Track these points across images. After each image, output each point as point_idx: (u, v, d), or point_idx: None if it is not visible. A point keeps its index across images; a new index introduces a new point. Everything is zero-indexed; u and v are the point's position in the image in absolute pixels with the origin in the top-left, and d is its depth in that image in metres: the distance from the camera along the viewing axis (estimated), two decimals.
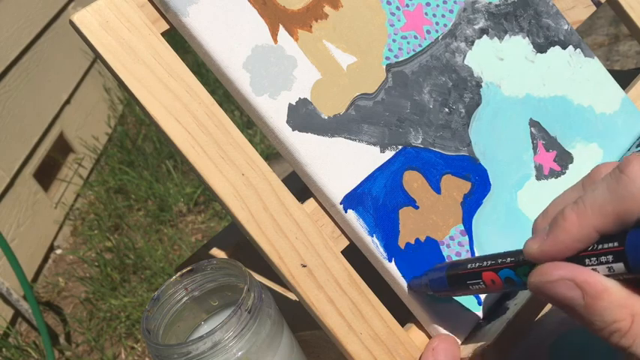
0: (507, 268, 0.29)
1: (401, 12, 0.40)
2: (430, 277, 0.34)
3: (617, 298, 0.24)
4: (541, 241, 0.26)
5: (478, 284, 0.30)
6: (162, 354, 0.32)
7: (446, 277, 0.32)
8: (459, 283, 0.32)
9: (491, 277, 0.30)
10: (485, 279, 0.30)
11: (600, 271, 0.24)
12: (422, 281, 0.34)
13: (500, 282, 0.29)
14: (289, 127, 0.35)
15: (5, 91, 1.69)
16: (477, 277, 0.30)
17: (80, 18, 0.32)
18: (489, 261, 0.30)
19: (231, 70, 0.34)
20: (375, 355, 0.34)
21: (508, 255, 0.29)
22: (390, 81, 0.38)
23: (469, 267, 0.31)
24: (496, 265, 0.29)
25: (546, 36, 0.44)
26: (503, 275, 0.29)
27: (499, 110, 0.41)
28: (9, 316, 1.49)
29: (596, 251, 0.24)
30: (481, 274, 0.30)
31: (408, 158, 0.37)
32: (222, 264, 0.36)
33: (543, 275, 0.25)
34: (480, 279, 0.30)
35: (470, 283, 0.31)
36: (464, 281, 0.31)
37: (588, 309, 0.24)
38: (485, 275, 0.30)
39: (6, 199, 1.61)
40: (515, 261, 0.28)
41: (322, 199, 0.36)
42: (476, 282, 0.30)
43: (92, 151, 2.06)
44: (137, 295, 1.51)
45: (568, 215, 0.25)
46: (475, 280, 0.30)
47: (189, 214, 1.76)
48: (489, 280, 0.30)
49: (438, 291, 0.33)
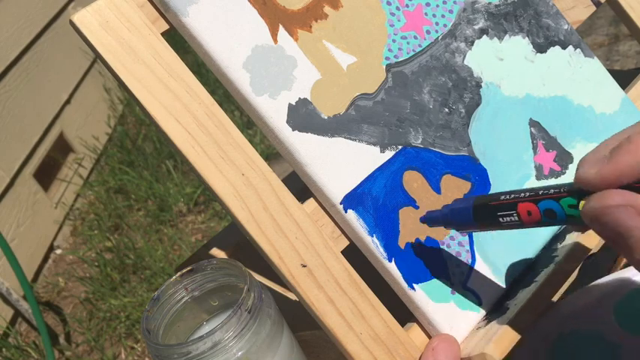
0: (549, 199, 0.27)
1: (401, 12, 0.40)
2: (452, 207, 0.32)
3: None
4: (600, 166, 0.24)
5: (511, 216, 0.28)
6: (162, 354, 0.32)
7: (472, 207, 0.30)
8: (488, 216, 0.30)
9: (528, 207, 0.27)
10: (520, 210, 0.28)
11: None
12: (441, 213, 0.33)
13: (538, 214, 0.27)
14: (289, 127, 0.35)
15: (5, 91, 1.69)
16: (511, 208, 0.28)
17: (80, 18, 0.32)
18: (527, 193, 0.28)
19: (231, 70, 0.34)
20: (375, 355, 0.34)
21: (551, 187, 0.27)
22: (389, 81, 0.38)
23: (502, 198, 0.29)
24: (536, 195, 0.27)
25: (546, 36, 0.44)
26: (543, 207, 0.27)
27: (499, 110, 0.41)
28: (9, 316, 1.50)
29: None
30: (516, 204, 0.28)
31: (408, 158, 0.37)
32: (222, 264, 0.36)
33: (605, 199, 0.24)
34: (514, 210, 0.28)
35: (501, 214, 0.29)
36: (494, 213, 0.29)
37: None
38: (522, 206, 0.28)
39: (6, 199, 1.61)
40: (559, 192, 0.26)
41: (322, 199, 0.36)
42: (509, 214, 0.28)
43: (92, 151, 2.06)
44: (137, 295, 1.51)
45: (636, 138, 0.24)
46: (508, 211, 0.28)
47: (189, 214, 1.76)
48: (525, 212, 0.28)
49: (459, 224, 0.32)
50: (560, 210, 0.27)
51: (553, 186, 0.27)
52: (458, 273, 0.37)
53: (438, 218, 0.33)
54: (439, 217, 0.33)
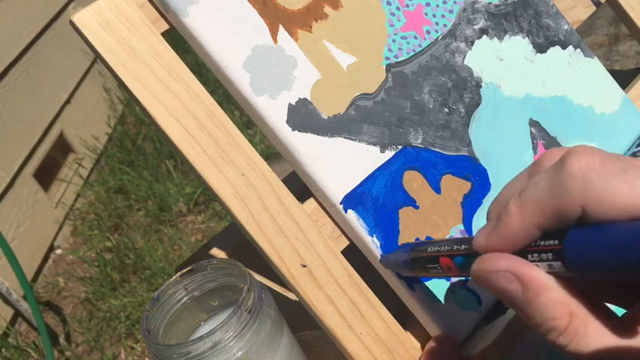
0: (461, 256, 0.28)
1: (401, 12, 0.40)
2: (396, 258, 0.34)
3: (557, 295, 0.23)
4: (487, 235, 0.25)
5: (436, 268, 0.30)
6: (162, 354, 0.32)
7: (409, 259, 0.32)
8: (420, 266, 0.32)
9: (447, 262, 0.29)
10: (442, 264, 0.30)
11: (541, 267, 0.24)
12: (390, 260, 0.34)
13: (455, 268, 0.29)
14: (289, 127, 0.35)
15: (5, 91, 1.69)
16: (435, 261, 0.30)
17: (80, 18, 0.32)
18: (446, 246, 0.30)
19: (231, 70, 0.34)
20: (375, 355, 0.34)
21: (463, 242, 0.29)
22: (389, 81, 0.38)
23: (429, 250, 0.31)
24: (451, 251, 0.29)
25: (546, 36, 0.44)
26: (457, 262, 0.29)
27: (499, 110, 0.41)
28: (9, 316, 1.49)
29: (538, 247, 0.24)
30: (439, 259, 0.30)
31: (408, 158, 0.37)
32: (222, 264, 0.36)
33: (485, 265, 0.25)
34: (437, 263, 0.30)
35: (429, 267, 0.31)
36: (424, 264, 0.31)
37: (528, 303, 0.23)
38: (442, 260, 0.30)
39: (6, 199, 1.61)
40: (467, 249, 0.28)
41: (322, 199, 0.36)
42: (434, 266, 0.30)
43: (92, 151, 2.06)
44: (137, 295, 1.51)
45: (511, 210, 0.24)
46: (433, 264, 0.30)
47: (189, 214, 1.76)
48: (445, 266, 0.29)
49: (402, 271, 0.33)
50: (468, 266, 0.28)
51: (466, 240, 0.29)
52: None
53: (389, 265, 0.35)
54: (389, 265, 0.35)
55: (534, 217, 0.24)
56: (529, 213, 0.24)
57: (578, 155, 0.23)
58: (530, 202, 0.24)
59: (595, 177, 0.22)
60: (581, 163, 0.22)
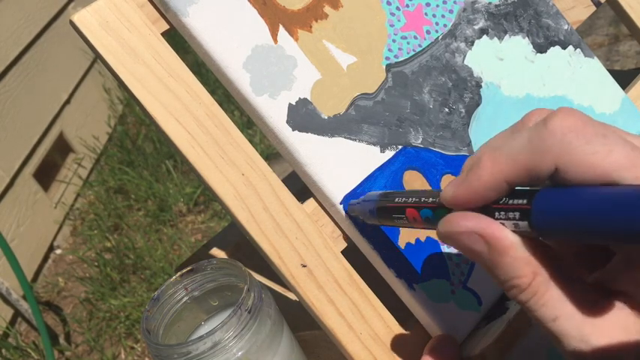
0: (428, 209, 0.28)
1: (401, 12, 0.40)
2: (363, 206, 0.33)
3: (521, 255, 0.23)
4: (456, 186, 0.25)
5: (402, 219, 0.30)
6: (162, 354, 0.32)
7: (376, 208, 0.32)
8: (386, 215, 0.31)
9: (413, 214, 0.29)
10: (408, 215, 0.29)
11: (507, 226, 0.24)
12: (356, 207, 0.34)
13: (420, 220, 0.29)
14: (289, 127, 0.35)
15: (5, 91, 1.69)
16: (401, 212, 0.30)
17: (80, 18, 0.32)
18: (414, 198, 0.29)
19: (231, 70, 0.34)
20: (375, 355, 0.34)
21: (431, 195, 0.28)
22: (390, 81, 0.38)
23: (396, 200, 0.31)
24: (419, 203, 0.29)
25: (546, 36, 0.44)
26: (423, 214, 0.28)
27: (499, 110, 0.41)
28: (9, 316, 1.49)
29: (506, 205, 0.24)
30: (405, 209, 0.30)
31: (408, 158, 0.37)
32: (222, 264, 0.36)
33: (451, 225, 0.25)
34: (403, 214, 0.30)
35: (395, 217, 0.31)
36: (390, 214, 0.31)
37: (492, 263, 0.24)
38: (409, 212, 0.29)
39: (6, 199, 1.61)
40: (435, 202, 0.28)
41: (322, 199, 0.36)
42: (400, 217, 0.30)
43: (92, 151, 2.06)
44: (137, 295, 1.51)
45: (483, 162, 0.24)
46: (399, 214, 0.30)
47: (189, 214, 1.76)
48: (412, 217, 0.29)
49: (368, 219, 0.33)
50: (435, 219, 0.28)
51: (434, 193, 0.28)
52: (458, 273, 0.37)
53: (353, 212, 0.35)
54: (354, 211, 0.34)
55: (505, 169, 0.23)
56: (501, 165, 0.24)
57: (562, 115, 0.23)
58: (505, 155, 0.24)
59: (574, 137, 0.22)
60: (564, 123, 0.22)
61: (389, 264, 0.35)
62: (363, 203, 0.34)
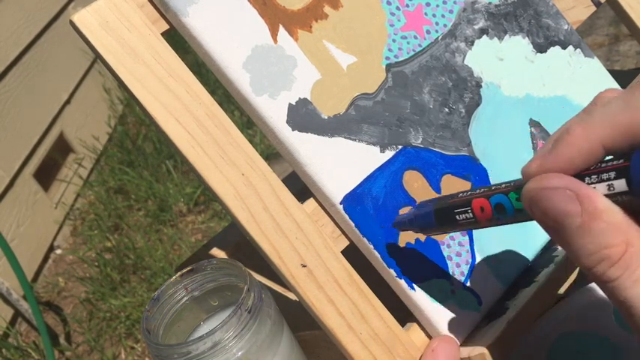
0: (499, 194, 0.27)
1: (401, 12, 0.40)
2: (416, 213, 0.32)
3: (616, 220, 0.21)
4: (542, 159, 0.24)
5: (466, 213, 0.29)
6: (162, 354, 0.32)
7: (433, 210, 0.31)
8: (447, 215, 0.30)
9: (481, 203, 0.28)
10: (474, 207, 0.28)
11: (599, 189, 0.22)
12: (407, 218, 0.33)
13: (489, 209, 0.27)
14: (289, 127, 0.35)
15: (5, 91, 1.69)
16: (466, 204, 0.29)
17: (80, 18, 0.32)
18: (483, 189, 0.28)
19: (231, 70, 0.34)
20: (375, 355, 0.34)
21: (503, 183, 0.27)
22: (390, 81, 0.38)
23: (460, 195, 0.29)
24: (488, 191, 0.28)
25: (546, 36, 0.44)
26: (494, 201, 0.27)
27: (499, 110, 0.41)
28: (9, 316, 1.49)
29: (599, 169, 0.22)
30: (471, 201, 0.28)
31: (408, 158, 0.37)
32: (222, 264, 0.36)
33: (542, 181, 0.23)
34: (469, 206, 0.28)
35: (458, 212, 0.29)
36: (451, 211, 0.30)
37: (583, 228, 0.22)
38: (475, 202, 0.28)
39: (6, 199, 1.61)
40: (508, 186, 0.27)
41: (322, 199, 0.36)
42: (464, 210, 0.29)
43: (92, 151, 2.06)
44: (137, 295, 1.51)
45: (573, 128, 0.23)
46: (464, 208, 0.29)
47: (189, 214, 1.76)
48: (478, 208, 0.28)
49: (424, 227, 0.32)
50: (509, 203, 0.26)
51: (505, 182, 0.27)
52: (458, 273, 0.37)
53: (405, 222, 0.34)
54: (404, 223, 0.34)
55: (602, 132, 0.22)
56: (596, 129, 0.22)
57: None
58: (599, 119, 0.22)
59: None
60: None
61: (389, 264, 0.35)
62: (417, 209, 0.32)
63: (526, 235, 0.39)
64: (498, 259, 0.38)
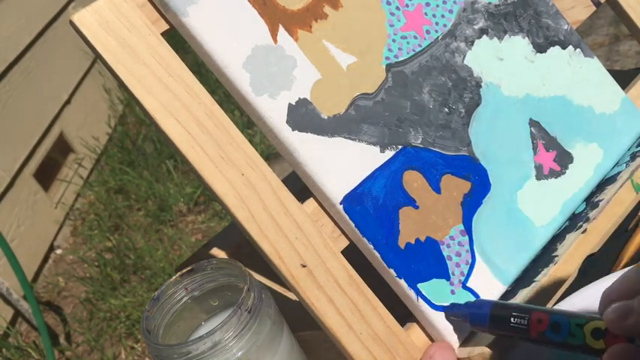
0: (560, 315, 0.28)
1: (401, 12, 0.40)
2: (472, 311, 0.34)
3: None
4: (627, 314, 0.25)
5: (522, 319, 0.30)
6: (162, 354, 0.32)
7: (489, 313, 0.32)
8: (502, 317, 0.31)
9: (539, 316, 0.29)
10: (533, 317, 0.30)
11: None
12: (461, 311, 0.34)
13: (546, 323, 0.29)
14: (289, 127, 0.35)
15: (5, 91, 1.69)
16: (524, 312, 0.30)
17: (80, 18, 0.32)
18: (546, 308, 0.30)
19: (231, 70, 0.34)
20: (375, 355, 0.34)
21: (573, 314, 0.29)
22: (389, 81, 0.38)
23: (521, 306, 0.31)
24: (551, 311, 0.29)
25: (546, 36, 0.44)
26: (553, 319, 0.29)
27: (499, 110, 0.41)
28: (9, 316, 1.49)
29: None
30: (531, 311, 0.30)
31: (407, 158, 0.37)
32: (222, 264, 0.36)
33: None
34: (527, 314, 0.30)
35: (515, 314, 0.30)
36: (508, 314, 0.31)
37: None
38: (536, 314, 0.30)
39: (6, 199, 1.61)
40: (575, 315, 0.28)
41: (322, 199, 0.36)
42: (521, 316, 0.30)
43: (92, 151, 2.06)
44: (137, 295, 1.51)
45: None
46: (522, 314, 0.30)
47: (189, 214, 1.76)
48: (536, 319, 0.29)
49: (476, 325, 0.33)
50: (567, 326, 0.28)
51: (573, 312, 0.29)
52: (458, 273, 0.37)
53: (457, 316, 0.35)
54: (458, 315, 0.35)
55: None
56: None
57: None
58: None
59: None
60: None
61: (389, 264, 0.35)
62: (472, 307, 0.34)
63: (526, 235, 0.39)
64: (498, 258, 0.38)
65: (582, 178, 0.42)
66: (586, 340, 0.27)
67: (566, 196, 0.41)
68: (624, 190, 0.40)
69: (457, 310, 0.35)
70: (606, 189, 0.41)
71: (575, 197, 0.41)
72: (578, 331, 0.28)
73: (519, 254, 0.38)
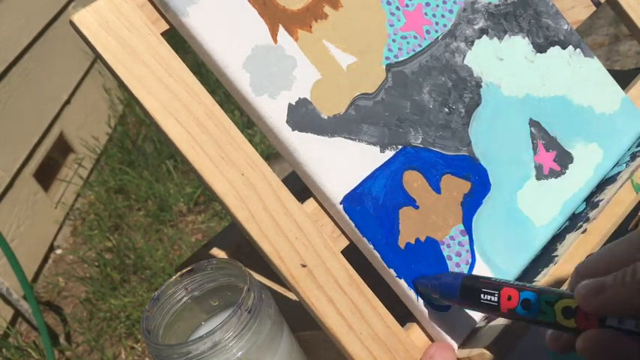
0: (531, 291, 0.28)
1: (401, 12, 0.40)
2: (442, 281, 0.33)
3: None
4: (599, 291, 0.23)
5: (492, 295, 0.29)
6: (162, 354, 0.32)
7: (460, 284, 0.32)
8: (472, 292, 0.31)
9: (510, 292, 0.29)
10: (502, 293, 0.29)
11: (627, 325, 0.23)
12: (431, 282, 0.34)
13: (516, 300, 0.28)
14: (289, 127, 0.35)
15: (5, 91, 1.69)
16: (495, 288, 0.30)
17: (80, 18, 0.32)
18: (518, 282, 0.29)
19: (231, 70, 0.34)
20: (375, 355, 0.34)
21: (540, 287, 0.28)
22: (389, 81, 0.38)
23: (492, 279, 0.30)
24: (522, 286, 0.29)
25: (546, 36, 0.44)
26: (523, 296, 0.28)
27: (499, 110, 0.41)
28: (9, 316, 1.49)
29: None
30: (502, 287, 0.29)
31: (407, 158, 0.37)
32: (222, 264, 0.36)
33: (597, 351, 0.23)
34: (497, 291, 0.29)
35: (484, 291, 0.30)
36: (478, 289, 0.30)
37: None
38: (505, 290, 0.29)
39: (6, 199, 1.61)
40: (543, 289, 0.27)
41: (322, 199, 0.36)
42: (491, 293, 0.30)
43: (92, 151, 2.06)
44: (137, 295, 1.51)
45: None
46: (491, 290, 0.30)
47: (189, 214, 1.76)
48: (506, 296, 0.29)
49: (445, 296, 0.33)
50: (537, 302, 0.27)
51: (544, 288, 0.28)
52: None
53: (426, 287, 0.35)
54: (427, 286, 0.35)
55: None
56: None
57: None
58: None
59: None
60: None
61: (389, 264, 0.35)
62: (443, 277, 0.33)
63: (526, 235, 0.39)
64: (498, 258, 0.38)
65: (582, 178, 0.42)
66: (556, 318, 0.27)
67: (566, 196, 0.41)
68: (624, 190, 0.40)
69: (428, 281, 0.34)
70: (606, 189, 0.41)
71: (575, 197, 0.41)
72: (548, 309, 0.27)
73: (519, 254, 0.38)
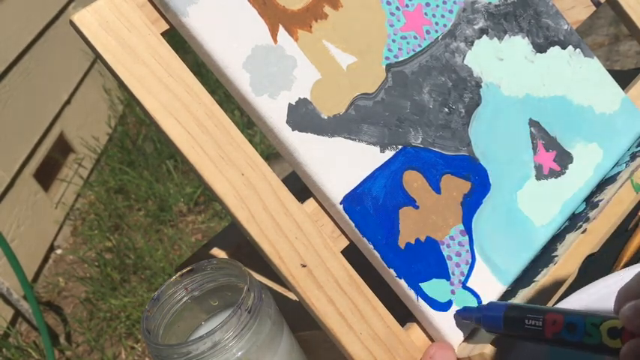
0: (577, 316, 0.28)
1: (401, 12, 0.40)
2: (484, 313, 0.33)
3: None
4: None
5: (536, 320, 0.30)
6: (162, 354, 0.32)
7: (503, 316, 0.32)
8: (516, 319, 0.31)
9: (554, 317, 0.29)
10: (547, 317, 0.29)
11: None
12: (473, 314, 0.34)
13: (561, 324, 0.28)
14: (289, 127, 0.35)
15: (5, 91, 1.69)
16: (539, 313, 0.30)
17: (80, 18, 0.32)
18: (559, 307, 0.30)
19: (231, 70, 0.34)
20: (375, 355, 0.34)
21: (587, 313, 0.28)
22: (389, 81, 0.38)
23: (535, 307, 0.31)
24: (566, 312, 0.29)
25: (546, 36, 0.44)
26: (568, 320, 0.28)
27: (499, 110, 0.41)
28: (9, 316, 1.49)
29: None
30: (546, 312, 0.30)
31: (407, 158, 0.37)
32: (222, 264, 0.36)
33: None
34: (541, 316, 0.30)
35: (529, 316, 0.30)
36: (523, 316, 0.31)
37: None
38: (550, 315, 0.29)
39: (6, 199, 1.61)
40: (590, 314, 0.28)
41: (322, 199, 0.36)
42: (535, 317, 0.30)
43: (92, 151, 2.06)
44: (137, 295, 1.51)
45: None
46: (535, 315, 0.30)
47: (190, 214, 1.76)
48: (550, 320, 0.29)
49: (490, 329, 0.33)
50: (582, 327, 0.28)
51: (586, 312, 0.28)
52: (458, 273, 0.37)
53: (469, 318, 0.35)
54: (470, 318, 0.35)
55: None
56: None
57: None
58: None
59: None
60: None
61: (389, 264, 0.35)
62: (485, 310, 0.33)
63: (526, 235, 0.39)
64: (498, 258, 0.38)
65: (582, 178, 0.42)
66: (602, 339, 0.27)
67: (566, 196, 0.41)
68: (624, 190, 0.40)
69: (470, 313, 0.35)
70: (606, 189, 0.41)
71: (575, 197, 0.41)
72: (594, 331, 0.27)
73: (519, 254, 0.38)
